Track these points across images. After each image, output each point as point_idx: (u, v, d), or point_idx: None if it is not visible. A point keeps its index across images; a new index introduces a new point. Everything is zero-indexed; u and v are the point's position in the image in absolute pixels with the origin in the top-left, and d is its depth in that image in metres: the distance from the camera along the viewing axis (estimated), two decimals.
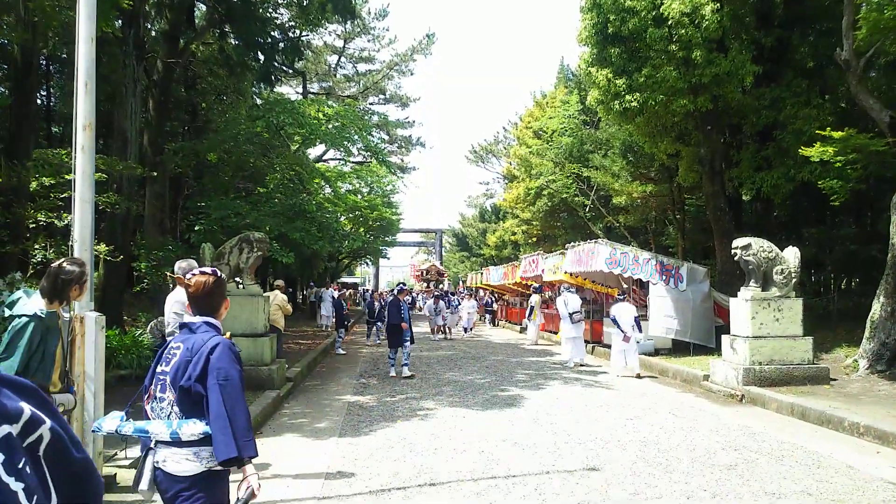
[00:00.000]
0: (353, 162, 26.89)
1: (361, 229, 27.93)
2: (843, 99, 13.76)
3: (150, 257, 12.87)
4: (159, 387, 2.71)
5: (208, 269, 2.87)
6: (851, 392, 8.84)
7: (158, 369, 2.75)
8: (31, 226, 10.04)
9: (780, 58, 13.77)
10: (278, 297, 11.06)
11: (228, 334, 2.81)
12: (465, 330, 21.56)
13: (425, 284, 39.86)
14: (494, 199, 43.27)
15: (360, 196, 26.34)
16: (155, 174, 14.18)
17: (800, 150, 10.45)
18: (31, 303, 3.57)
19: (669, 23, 11.83)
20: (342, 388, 10.26)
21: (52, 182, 10.13)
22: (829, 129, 9.61)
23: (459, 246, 52.76)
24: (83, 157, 4.69)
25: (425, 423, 7.43)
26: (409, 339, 11.48)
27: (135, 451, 5.64)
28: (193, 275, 2.84)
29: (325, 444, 6.54)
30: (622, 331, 11.49)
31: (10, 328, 3.49)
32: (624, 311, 11.64)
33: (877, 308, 10.00)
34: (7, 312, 3.60)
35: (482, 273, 30.81)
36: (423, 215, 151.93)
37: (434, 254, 59.81)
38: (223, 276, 2.94)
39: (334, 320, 18.12)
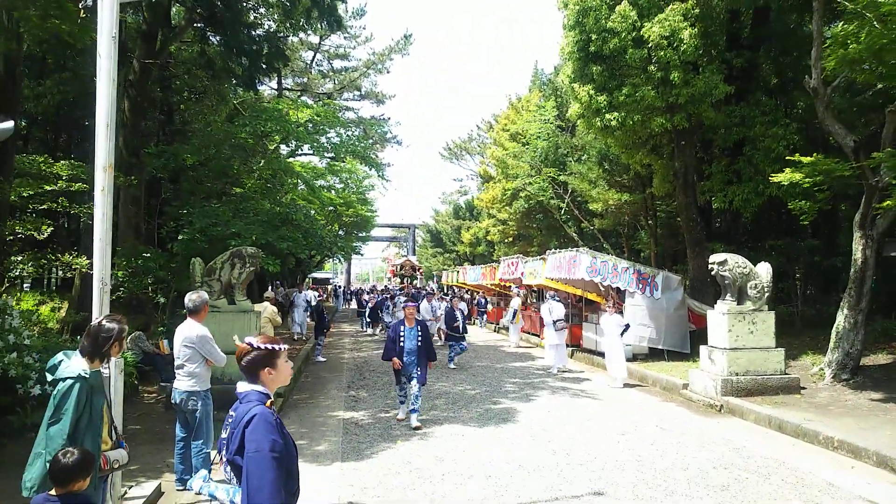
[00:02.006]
0: (327, 157, 26.75)
1: (336, 225, 27.82)
2: (805, 117, 14.36)
3: (127, 266, 12.66)
4: (224, 451, 2.84)
5: (254, 342, 2.93)
6: (821, 402, 9.34)
7: (223, 434, 2.87)
8: (10, 238, 9.82)
9: (748, 76, 14.34)
10: (268, 310, 11.08)
11: (269, 402, 2.87)
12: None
13: (399, 280, 39.86)
14: (468, 195, 43.61)
15: (334, 192, 26.21)
16: (133, 179, 13.95)
17: (770, 177, 10.92)
18: (73, 364, 3.61)
19: (649, 45, 12.26)
20: (333, 402, 10.29)
21: (30, 193, 9.92)
22: (797, 154, 10.02)
23: (433, 242, 52.94)
24: (102, 198, 4.70)
25: (426, 444, 7.58)
26: (422, 371, 8.68)
27: None
28: (244, 342, 2.94)
29: (329, 470, 6.61)
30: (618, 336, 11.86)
31: (55, 392, 3.52)
32: (613, 323, 12.00)
33: (840, 319, 10.51)
34: (50, 377, 3.62)
35: (458, 272, 31.02)
36: (396, 210, 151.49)
37: (405, 248, 59.83)
38: (273, 347, 2.92)
39: (314, 324, 18.05)
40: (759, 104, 13.57)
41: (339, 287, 48.53)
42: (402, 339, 8.75)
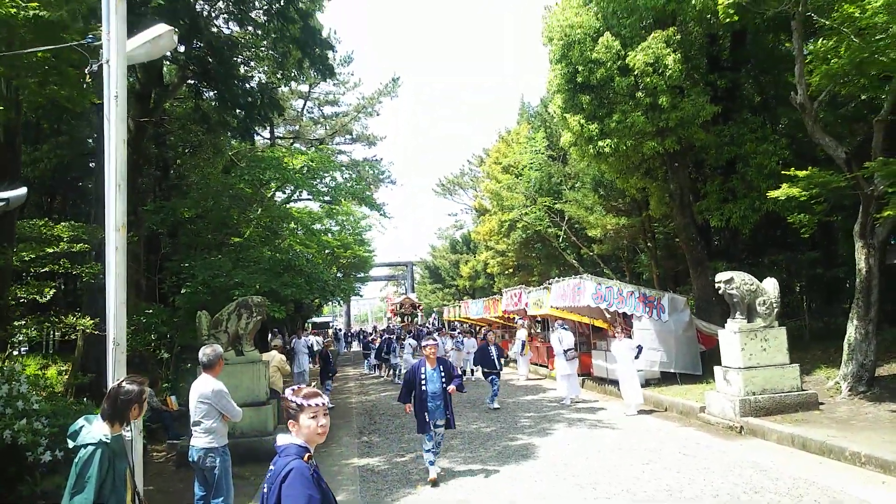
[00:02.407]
0: (323, 201, 26.91)
1: (334, 268, 27.80)
2: (790, 132, 14.59)
3: (129, 323, 12.55)
4: None
5: (288, 393, 2.97)
6: (842, 417, 9.22)
7: (265, 489, 2.86)
8: (12, 303, 9.75)
9: (732, 97, 14.65)
10: (276, 359, 10.94)
11: (307, 456, 2.85)
12: (472, 372, 19.28)
13: (400, 319, 39.63)
14: (464, 229, 43.79)
15: (330, 235, 26.27)
16: (133, 235, 13.95)
17: (767, 194, 11.01)
18: (94, 430, 3.54)
19: (635, 72, 12.56)
20: (346, 449, 10.10)
21: (31, 256, 9.89)
22: (792, 168, 10.12)
23: (431, 278, 52.91)
24: (117, 257, 4.69)
25: (448, 487, 7.41)
26: (451, 416, 7.87)
27: None
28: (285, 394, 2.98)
29: None
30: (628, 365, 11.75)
31: (77, 460, 3.45)
32: (625, 348, 11.92)
33: (851, 331, 10.46)
34: (71, 443, 3.55)
35: (460, 306, 30.89)
36: (392, 248, 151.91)
37: (403, 286, 59.72)
38: (299, 402, 2.92)
39: (318, 369, 17.85)
40: (746, 122, 13.83)
41: (340, 330, 48.28)
42: (423, 381, 7.63)
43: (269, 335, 27.05)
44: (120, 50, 4.96)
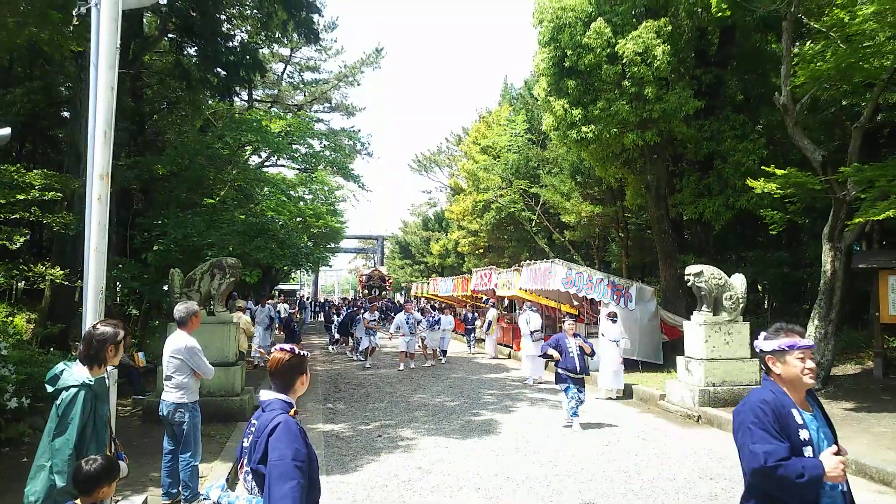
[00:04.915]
0: (295, 168, 26.53)
1: (304, 237, 27.51)
2: (770, 132, 14.88)
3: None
4: (245, 460, 2.85)
5: (287, 346, 2.99)
6: None
7: (244, 443, 2.87)
8: None
9: (715, 93, 14.83)
10: (241, 320, 10.89)
11: (293, 411, 2.89)
12: (444, 353, 18.03)
13: (367, 291, 39.55)
14: (437, 207, 43.73)
15: (303, 203, 25.93)
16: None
17: (747, 182, 11.23)
18: (75, 372, 3.51)
19: (623, 61, 12.57)
20: (311, 415, 10.15)
21: (1, 202, 9.59)
22: (772, 165, 10.34)
23: (402, 253, 52.84)
24: (99, 207, 4.58)
25: (411, 457, 7.54)
26: None
27: None
28: (274, 350, 2.98)
29: None
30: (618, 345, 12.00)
31: (59, 402, 3.42)
32: (613, 330, 12.16)
33: (811, 330, 10.83)
34: (50, 388, 3.51)
35: (429, 283, 30.96)
36: (364, 221, 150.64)
37: (372, 260, 59.52)
38: (304, 353, 3.02)
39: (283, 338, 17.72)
40: (727, 119, 13.96)
41: (307, 299, 48.03)
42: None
43: (230, 299, 26.71)
44: None
